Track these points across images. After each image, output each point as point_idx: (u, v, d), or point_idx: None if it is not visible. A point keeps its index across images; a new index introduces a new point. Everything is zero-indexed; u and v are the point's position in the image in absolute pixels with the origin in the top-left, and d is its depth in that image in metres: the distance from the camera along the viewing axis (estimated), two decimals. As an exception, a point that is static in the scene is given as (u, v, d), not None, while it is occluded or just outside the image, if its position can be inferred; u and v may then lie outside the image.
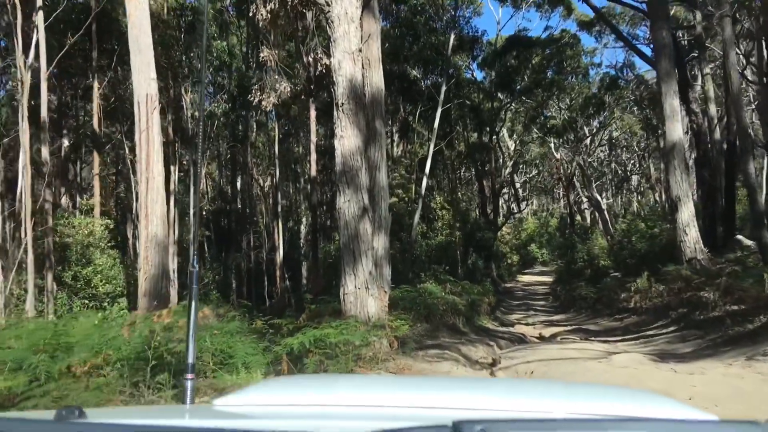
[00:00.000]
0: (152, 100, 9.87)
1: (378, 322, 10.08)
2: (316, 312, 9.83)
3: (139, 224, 10.24)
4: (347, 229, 10.15)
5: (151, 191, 9.77)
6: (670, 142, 15.74)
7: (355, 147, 10.22)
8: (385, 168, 10.84)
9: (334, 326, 7.43)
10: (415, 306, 14.27)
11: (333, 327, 7.31)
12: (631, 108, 47.99)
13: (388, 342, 9.18)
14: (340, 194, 10.26)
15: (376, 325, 8.78)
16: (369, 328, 8.78)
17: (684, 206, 15.64)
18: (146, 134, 9.81)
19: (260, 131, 27.47)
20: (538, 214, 68.43)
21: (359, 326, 9.04)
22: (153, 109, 9.86)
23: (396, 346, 10.09)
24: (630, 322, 16.15)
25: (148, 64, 9.99)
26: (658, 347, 10.65)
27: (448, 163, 35.33)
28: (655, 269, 18.44)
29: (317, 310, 9.88)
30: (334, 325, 7.45)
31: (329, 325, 7.53)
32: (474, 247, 30.23)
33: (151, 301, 9.81)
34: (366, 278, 10.11)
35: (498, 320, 21.34)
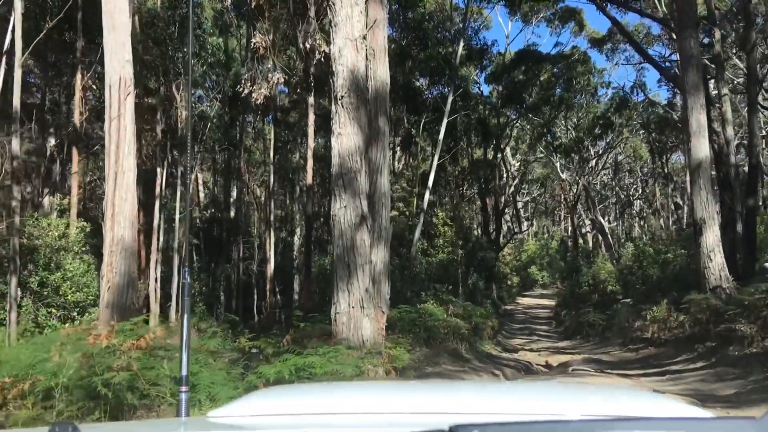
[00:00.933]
0: (126, 84, 8.67)
1: (374, 347, 8.80)
2: (302, 333, 8.53)
3: (104, 225, 9.00)
4: (342, 239, 8.90)
5: (119, 188, 8.54)
6: (696, 160, 14.54)
7: (355, 146, 9.00)
8: (388, 172, 9.62)
9: (322, 353, 6.15)
10: (415, 328, 13.00)
11: (320, 355, 6.02)
12: (637, 131, 47.14)
13: (385, 371, 7.88)
14: (336, 199, 9.02)
15: (371, 352, 7.51)
16: (363, 355, 7.50)
17: (709, 229, 14.40)
18: (117, 123, 8.59)
19: (258, 139, 26.35)
20: (539, 236, 67.24)
21: (352, 352, 7.76)
22: (126, 94, 8.66)
23: (394, 376, 8.80)
24: (647, 353, 14.86)
25: (123, 44, 8.80)
26: (690, 386, 9.36)
27: (451, 179, 34.18)
28: (672, 297, 17.21)
29: (304, 331, 8.59)
30: (322, 351, 6.16)
31: (316, 351, 6.24)
32: (475, 267, 28.95)
33: (115, 314, 8.52)
34: (362, 296, 8.84)
35: (500, 345, 20.04)
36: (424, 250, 24.63)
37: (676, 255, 22.60)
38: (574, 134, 39.24)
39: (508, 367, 14.48)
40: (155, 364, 6.03)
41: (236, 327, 18.75)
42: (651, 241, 30.31)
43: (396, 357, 7.65)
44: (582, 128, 39.27)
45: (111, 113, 8.64)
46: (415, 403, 1.75)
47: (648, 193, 58.20)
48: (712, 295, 14.16)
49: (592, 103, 39.35)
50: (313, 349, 6.55)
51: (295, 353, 6.70)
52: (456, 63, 23.77)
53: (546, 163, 50.34)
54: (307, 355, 6.18)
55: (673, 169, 51.57)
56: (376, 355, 7.65)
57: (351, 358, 6.85)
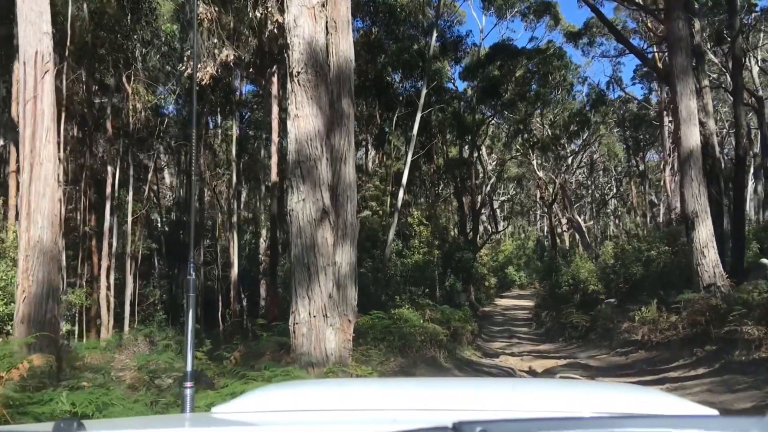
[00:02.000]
0: (44, 60, 7.35)
1: (339, 361, 7.59)
2: (258, 348, 7.29)
3: (18, 226, 7.68)
4: (301, 237, 7.69)
5: (36, 181, 7.22)
6: (686, 149, 13.61)
7: (314, 130, 7.80)
8: (353, 161, 8.43)
9: (269, 376, 4.93)
10: (389, 337, 11.81)
11: (265, 379, 4.80)
12: (612, 128, 46.71)
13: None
14: (293, 192, 7.81)
15: (332, 370, 6.28)
16: (325, 372, 6.29)
17: (702, 223, 13.48)
18: (33, 106, 7.28)
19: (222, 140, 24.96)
20: (515, 236, 66.58)
21: (311, 370, 6.56)
22: (44, 72, 7.35)
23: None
24: (638, 357, 13.85)
25: (41, 13, 7.48)
26: (697, 397, 8.29)
27: (426, 178, 33.12)
28: (659, 296, 16.29)
29: (260, 346, 7.35)
30: (270, 372, 4.94)
31: (263, 373, 5.02)
32: (452, 269, 27.87)
33: (33, 329, 7.18)
34: (324, 303, 7.64)
35: (480, 350, 18.91)
36: (399, 251, 23.47)
37: (660, 252, 21.75)
38: (549, 132, 38.47)
39: (490, 376, 13.35)
40: (54, 396, 4.74)
41: (196, 337, 17.41)
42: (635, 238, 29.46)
43: (363, 376, 6.44)
44: (558, 125, 38.56)
45: (26, 94, 7.32)
46: (418, 399, 1.74)
47: (622, 192, 58.00)
48: (705, 293, 13.24)
49: (568, 99, 38.70)
50: (261, 372, 5.33)
51: (239, 376, 5.47)
52: (429, 55, 22.67)
53: (522, 163, 49.68)
54: (250, 380, 4.95)
55: (648, 166, 51.34)
56: (340, 370, 6.44)
57: (309, 380, 5.62)
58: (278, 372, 5.19)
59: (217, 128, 22.46)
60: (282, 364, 6.27)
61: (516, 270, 56.46)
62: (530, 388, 2.19)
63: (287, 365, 7.12)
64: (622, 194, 58.50)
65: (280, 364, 6.09)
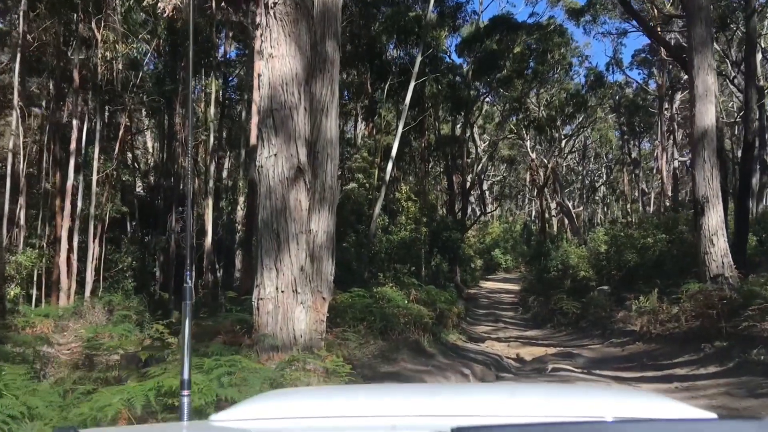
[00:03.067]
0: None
1: (309, 345, 6.53)
2: (213, 326, 6.18)
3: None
4: (271, 198, 6.57)
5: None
6: (701, 129, 12.56)
7: (291, 73, 6.63)
8: (336, 113, 7.27)
9: (211, 363, 3.83)
10: (369, 317, 10.76)
11: (206, 370, 3.69)
12: (608, 114, 45.88)
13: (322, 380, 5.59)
14: (263, 145, 6.67)
15: (295, 359, 5.19)
16: (287, 361, 5.21)
17: (712, 209, 12.48)
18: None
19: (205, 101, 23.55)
20: (503, 219, 65.85)
21: (274, 356, 5.49)
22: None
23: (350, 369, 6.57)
24: (635, 350, 12.92)
25: None
26: (714, 401, 7.33)
27: (416, 153, 31.95)
28: (656, 285, 15.39)
29: (216, 324, 6.25)
30: (212, 361, 3.83)
31: (204, 362, 3.91)
32: (439, 248, 26.87)
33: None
34: (295, 277, 6.55)
35: (465, 333, 17.95)
36: (384, 227, 22.37)
37: (656, 240, 20.87)
38: (545, 113, 37.44)
39: (476, 363, 12.36)
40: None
41: (164, 308, 16.28)
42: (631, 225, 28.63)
43: (333, 369, 5.34)
44: (554, 106, 37.53)
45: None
46: (417, 405, 1.72)
47: (612, 179, 57.37)
48: (712, 284, 12.30)
49: (566, 80, 37.68)
50: (207, 359, 4.22)
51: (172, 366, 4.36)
52: (426, 18, 21.34)
53: (513, 145, 48.80)
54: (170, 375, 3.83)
55: (641, 154, 50.66)
56: (306, 360, 5.36)
57: (265, 369, 4.53)
58: (222, 362, 4.09)
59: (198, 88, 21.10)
60: (240, 347, 5.18)
61: (502, 253, 55.63)
62: (528, 393, 2.16)
63: (248, 348, 6.04)
64: (611, 182, 57.95)
65: (236, 347, 5.00)
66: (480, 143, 43.19)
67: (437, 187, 42.81)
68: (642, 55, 41.64)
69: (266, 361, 5.61)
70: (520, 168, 57.19)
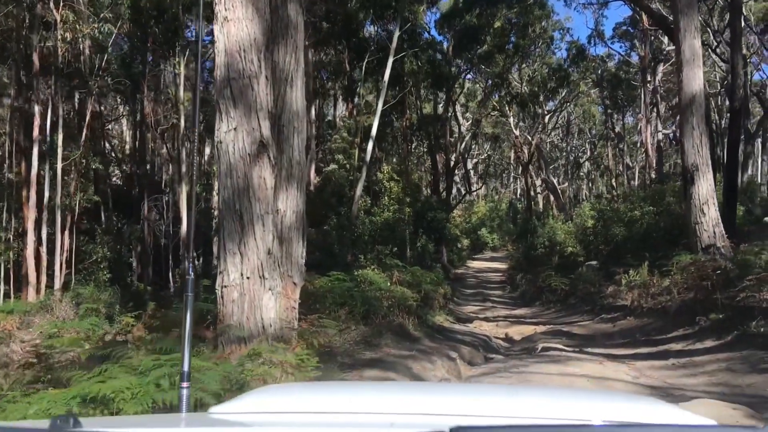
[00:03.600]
0: None
1: (279, 334, 6.01)
2: (173, 317, 5.64)
3: None
4: (231, 177, 6.00)
5: None
6: (689, 94, 12.11)
7: (249, 38, 6.04)
8: (302, 83, 6.69)
9: (148, 363, 3.30)
10: (350, 301, 10.26)
11: (142, 371, 3.16)
12: (591, 88, 45.55)
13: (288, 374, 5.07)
14: (221, 118, 6.09)
15: (256, 352, 4.67)
16: (247, 355, 4.69)
17: (702, 177, 12.09)
18: None
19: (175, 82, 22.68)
20: (488, 198, 65.58)
21: (237, 349, 4.97)
22: None
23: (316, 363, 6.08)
24: (626, 325, 12.54)
25: None
26: (716, 378, 6.92)
27: (398, 134, 31.35)
28: (645, 258, 15.03)
29: (176, 315, 5.71)
30: (145, 364, 3.30)
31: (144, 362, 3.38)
32: (424, 229, 26.39)
33: None
34: (261, 261, 6.01)
35: (453, 314, 17.53)
36: (367, 209, 21.82)
37: (644, 213, 20.51)
38: (527, 89, 36.95)
39: (464, 344, 11.93)
40: None
41: (139, 299, 15.68)
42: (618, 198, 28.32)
43: (299, 363, 4.81)
44: (537, 82, 37.04)
45: None
46: (416, 403, 1.73)
47: (596, 154, 57.20)
48: (704, 255, 11.92)
49: (548, 54, 37.20)
50: (146, 359, 3.69)
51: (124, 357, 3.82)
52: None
53: (497, 123, 48.35)
54: (109, 378, 3.29)
55: (625, 128, 50.49)
56: (270, 353, 4.83)
57: (225, 365, 4.01)
58: (164, 361, 3.55)
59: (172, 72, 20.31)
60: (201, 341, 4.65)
61: (489, 232, 55.41)
62: (527, 394, 2.14)
63: (211, 341, 5.51)
64: (595, 157, 57.80)
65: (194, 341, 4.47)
66: (463, 122, 42.67)
67: (421, 167, 42.30)
68: (623, 28, 41.26)
69: (230, 355, 5.09)
70: (505, 146, 56.83)
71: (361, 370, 7.88)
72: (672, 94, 44.47)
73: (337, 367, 7.31)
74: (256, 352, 4.65)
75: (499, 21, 31.25)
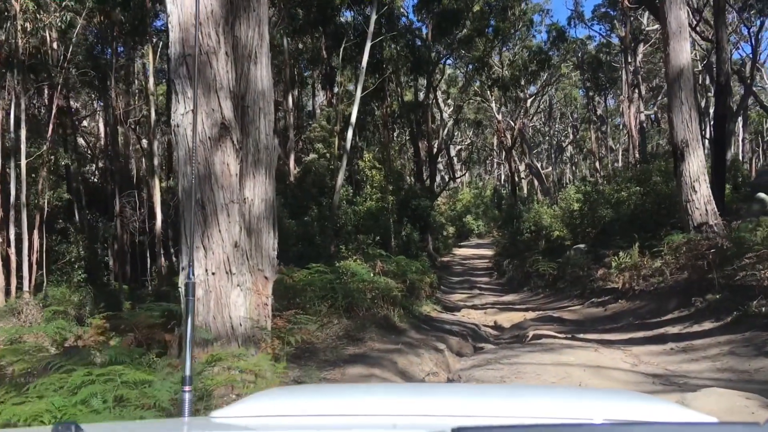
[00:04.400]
0: None
1: (250, 334, 5.52)
2: (132, 320, 5.12)
3: None
4: (190, 163, 5.47)
5: None
6: (676, 68, 11.70)
7: (206, 11, 5.50)
8: (267, 60, 6.16)
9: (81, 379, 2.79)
10: (332, 294, 9.77)
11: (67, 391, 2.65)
12: (571, 71, 45.33)
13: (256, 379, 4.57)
14: (178, 99, 5.55)
15: (216, 358, 4.17)
16: (207, 361, 4.19)
17: (693, 153, 11.70)
18: None
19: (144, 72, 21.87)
20: (472, 185, 65.34)
21: (202, 352, 4.48)
22: None
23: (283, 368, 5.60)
24: (618, 309, 12.18)
25: None
26: (719, 363, 6.52)
27: (379, 121, 30.80)
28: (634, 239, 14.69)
29: (135, 318, 5.19)
30: (80, 376, 2.79)
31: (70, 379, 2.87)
32: (409, 217, 25.94)
33: None
34: (228, 255, 5.49)
35: (440, 303, 17.14)
36: (349, 198, 21.30)
37: (630, 193, 20.17)
38: (508, 73, 36.53)
39: (451, 335, 11.50)
40: None
41: (113, 299, 15.08)
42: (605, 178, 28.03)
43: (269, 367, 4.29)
44: (517, 66, 36.62)
45: None
46: (418, 404, 1.73)
47: (578, 138, 57.08)
48: (696, 233, 11.57)
49: (528, 36, 36.80)
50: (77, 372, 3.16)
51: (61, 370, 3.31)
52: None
53: (479, 108, 47.99)
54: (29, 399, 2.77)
55: (607, 110, 50.39)
56: (236, 354, 4.33)
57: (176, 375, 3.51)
58: (95, 376, 3.02)
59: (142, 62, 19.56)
60: (153, 347, 4.13)
61: (474, 219, 55.22)
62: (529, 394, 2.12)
63: (171, 345, 4.99)
64: (578, 141, 57.69)
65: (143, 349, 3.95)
66: (445, 108, 42.22)
67: (404, 156, 41.82)
68: (603, 10, 41.02)
69: (194, 360, 4.59)
70: (487, 132, 56.54)
71: (344, 368, 7.41)
72: (653, 75, 44.33)
73: (316, 366, 6.84)
74: (216, 357, 4.14)
75: (478, 4, 30.77)
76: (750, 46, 31.53)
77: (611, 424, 1.37)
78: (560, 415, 1.57)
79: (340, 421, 1.58)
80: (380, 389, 2.53)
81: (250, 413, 1.67)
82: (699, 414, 1.59)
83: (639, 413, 1.57)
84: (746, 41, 33.47)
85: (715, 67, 19.21)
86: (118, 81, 17.01)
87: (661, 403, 1.79)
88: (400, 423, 1.49)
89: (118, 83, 17.03)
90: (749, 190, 17.64)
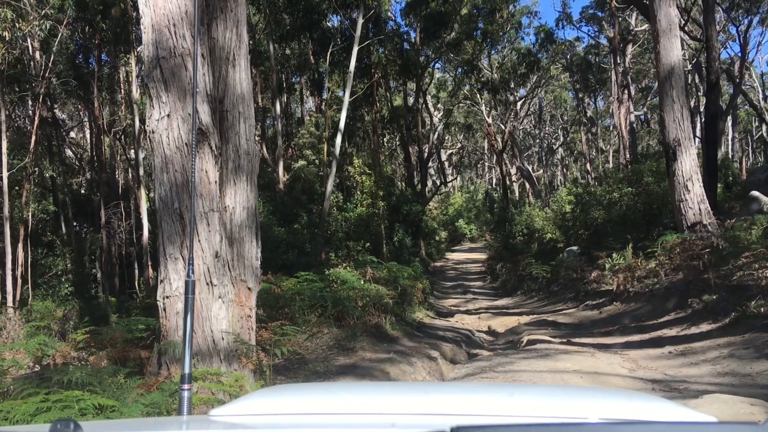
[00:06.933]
0: None
1: (232, 348, 5.27)
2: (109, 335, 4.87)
3: None
4: (168, 171, 5.24)
5: None
6: (667, 66, 11.56)
7: (180, 11, 5.28)
8: (246, 63, 5.94)
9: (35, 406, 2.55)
10: (321, 303, 9.54)
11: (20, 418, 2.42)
12: (560, 73, 45.40)
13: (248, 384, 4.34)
14: (153, 104, 5.32)
15: (198, 378, 3.95)
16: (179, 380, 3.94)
17: (685, 152, 11.55)
18: None
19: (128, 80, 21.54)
20: (464, 189, 65.29)
21: (178, 369, 4.25)
22: None
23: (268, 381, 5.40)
24: (613, 311, 12.00)
25: None
26: (720, 367, 6.32)
27: (368, 127, 30.63)
28: (627, 241, 14.54)
29: (112, 333, 4.94)
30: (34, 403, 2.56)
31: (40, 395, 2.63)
32: (400, 223, 25.73)
33: None
34: (208, 266, 5.26)
35: (433, 309, 16.91)
36: (339, 205, 21.06)
37: (622, 194, 20.04)
38: (497, 76, 36.46)
39: (445, 341, 11.29)
40: None
41: (100, 313, 14.78)
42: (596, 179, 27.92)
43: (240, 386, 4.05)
44: (507, 68, 36.57)
45: None
46: (417, 403, 1.72)
47: (569, 140, 57.15)
48: (690, 233, 11.41)
49: (517, 38, 36.79)
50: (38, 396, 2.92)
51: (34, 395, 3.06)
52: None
53: (469, 112, 47.96)
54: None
55: (597, 112, 50.47)
56: (209, 376, 4.10)
57: (158, 393, 3.26)
58: (51, 402, 2.77)
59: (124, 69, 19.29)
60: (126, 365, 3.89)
61: (466, 223, 55.11)
62: (527, 393, 2.06)
63: (151, 360, 4.75)
64: (569, 143, 57.76)
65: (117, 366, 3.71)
66: (435, 112, 42.12)
67: (395, 161, 41.65)
68: (590, 12, 41.08)
69: (166, 379, 4.34)
70: (478, 136, 56.52)
71: (333, 379, 7.19)
72: (642, 75, 44.41)
73: (304, 378, 6.61)
74: (195, 375, 3.91)
75: (465, 7, 30.70)
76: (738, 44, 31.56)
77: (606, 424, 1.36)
78: (558, 414, 1.55)
79: (339, 420, 1.57)
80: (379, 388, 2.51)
81: (249, 411, 1.67)
82: (697, 413, 1.57)
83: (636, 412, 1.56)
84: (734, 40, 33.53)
85: (704, 65, 19.13)
86: (101, 90, 16.73)
87: (658, 401, 1.76)
88: (398, 422, 1.49)
89: (102, 92, 16.75)
90: (741, 189, 17.54)
